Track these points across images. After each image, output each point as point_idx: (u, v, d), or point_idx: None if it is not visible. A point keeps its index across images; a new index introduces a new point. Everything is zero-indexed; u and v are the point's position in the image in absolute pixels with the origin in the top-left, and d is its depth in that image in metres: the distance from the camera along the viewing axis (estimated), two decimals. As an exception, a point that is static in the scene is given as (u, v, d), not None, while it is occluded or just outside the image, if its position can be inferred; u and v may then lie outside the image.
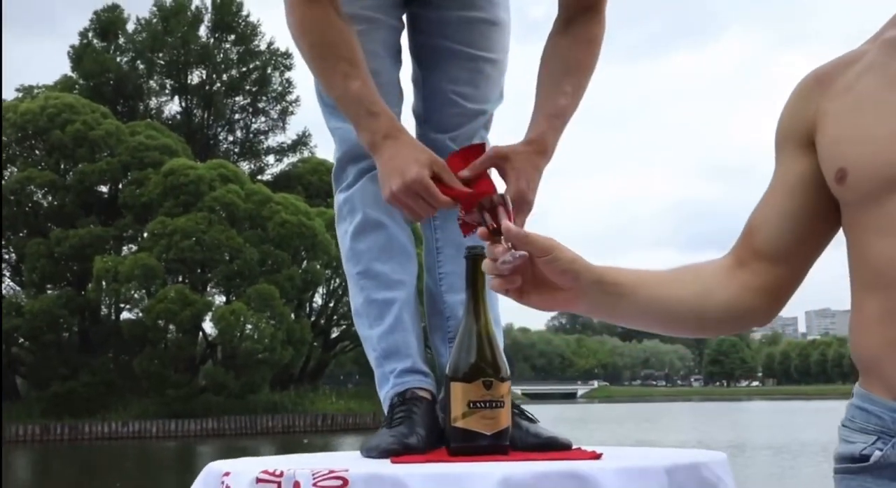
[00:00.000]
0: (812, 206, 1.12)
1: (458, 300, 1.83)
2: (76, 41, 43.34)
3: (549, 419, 1.86)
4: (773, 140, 1.16)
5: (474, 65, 1.97)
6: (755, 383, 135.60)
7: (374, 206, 1.87)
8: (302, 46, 1.70)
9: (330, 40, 1.66)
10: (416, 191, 1.55)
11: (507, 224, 1.18)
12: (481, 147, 1.64)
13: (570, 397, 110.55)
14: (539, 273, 1.14)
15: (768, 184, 1.17)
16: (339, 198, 1.96)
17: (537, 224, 1.96)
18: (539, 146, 1.69)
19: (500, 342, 1.62)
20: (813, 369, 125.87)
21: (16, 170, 35.62)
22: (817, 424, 28.77)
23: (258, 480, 1.34)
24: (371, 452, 1.59)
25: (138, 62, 43.95)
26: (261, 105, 45.88)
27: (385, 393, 1.84)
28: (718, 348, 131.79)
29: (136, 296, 33.98)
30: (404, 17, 1.94)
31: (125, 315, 35.77)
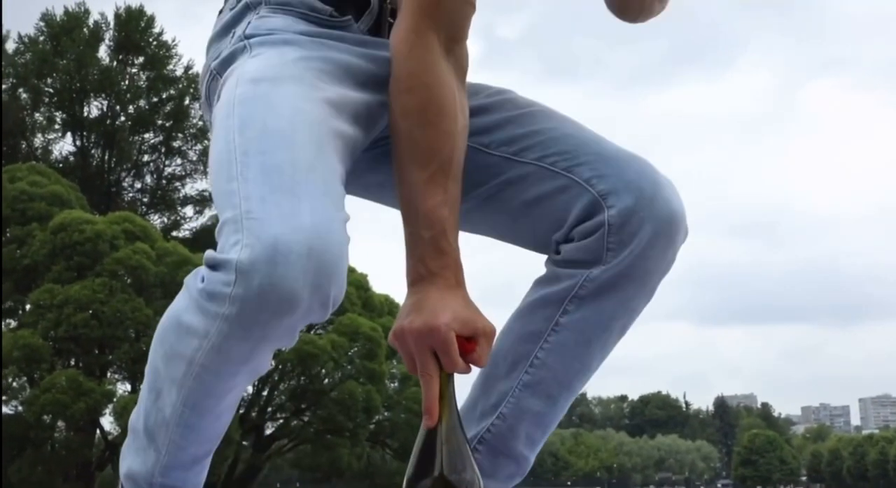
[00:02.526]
0: None
1: None
2: (-59, 64, 43.52)
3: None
4: None
5: None
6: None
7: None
8: (394, 111, 1.67)
9: (435, 128, 1.64)
10: (431, 343, 1.53)
11: None
12: None
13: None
14: None
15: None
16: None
17: (509, 300, 1.96)
18: None
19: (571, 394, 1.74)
20: (871, 471, 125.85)
21: None
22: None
23: None
24: None
25: (21, 90, 44.00)
26: (176, 144, 46.05)
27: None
28: (751, 445, 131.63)
29: (14, 384, 33.56)
30: None
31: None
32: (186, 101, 45.70)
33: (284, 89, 1.61)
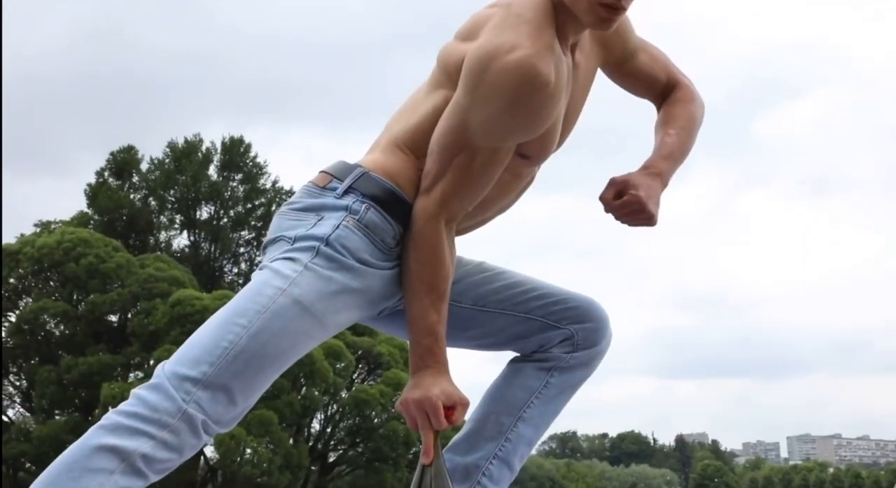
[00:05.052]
0: None
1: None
2: (93, 179, 43.96)
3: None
4: None
5: None
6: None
7: None
8: (410, 259, 1.79)
9: (436, 272, 1.77)
10: (425, 409, 1.71)
11: None
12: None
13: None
14: None
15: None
16: None
17: (497, 357, 2.15)
18: (653, 169, 1.93)
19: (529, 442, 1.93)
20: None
21: (31, 300, 35.64)
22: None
23: None
24: None
25: (150, 199, 44.43)
26: (264, 239, 46.17)
27: None
28: (703, 473, 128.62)
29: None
30: None
31: (129, 440, 34.99)
32: (273, 208, 45.94)
33: (302, 324, 1.71)
